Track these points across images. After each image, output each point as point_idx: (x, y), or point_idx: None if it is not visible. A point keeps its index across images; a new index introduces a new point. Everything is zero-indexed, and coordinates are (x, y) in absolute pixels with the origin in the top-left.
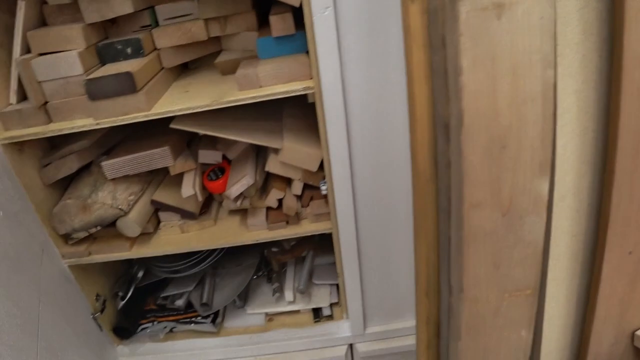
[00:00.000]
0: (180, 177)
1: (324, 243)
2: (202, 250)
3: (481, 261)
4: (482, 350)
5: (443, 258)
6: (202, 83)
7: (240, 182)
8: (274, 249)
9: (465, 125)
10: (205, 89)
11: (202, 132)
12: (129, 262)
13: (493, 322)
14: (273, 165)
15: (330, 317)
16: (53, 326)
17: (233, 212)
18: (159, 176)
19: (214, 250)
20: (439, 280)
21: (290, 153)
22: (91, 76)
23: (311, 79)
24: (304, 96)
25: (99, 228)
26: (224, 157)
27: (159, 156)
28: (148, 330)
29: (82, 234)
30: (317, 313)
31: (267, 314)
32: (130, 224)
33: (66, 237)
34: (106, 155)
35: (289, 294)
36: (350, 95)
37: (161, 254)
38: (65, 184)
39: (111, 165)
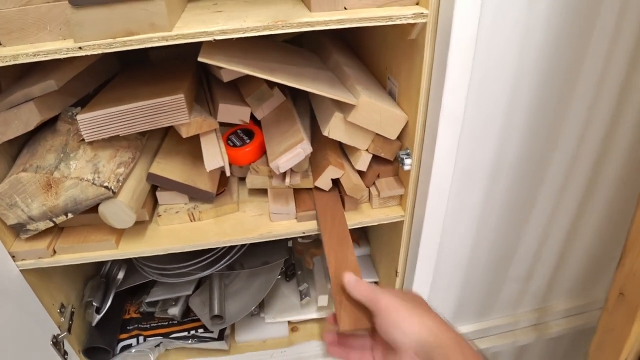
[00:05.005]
0: (187, 142)
1: (353, 231)
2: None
3: None
4: None
5: None
6: (235, 3)
7: (294, 151)
8: (304, 241)
9: None
10: (247, 9)
11: (249, 72)
12: None
13: None
14: (335, 129)
15: None
16: None
17: (256, 192)
18: (152, 140)
19: (233, 245)
20: None
21: (367, 112)
22: None
23: (417, 3)
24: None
25: (70, 216)
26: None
27: (169, 108)
28: (133, 350)
29: (44, 225)
30: None
31: (289, 323)
32: (121, 210)
33: (18, 230)
34: (77, 107)
35: (322, 298)
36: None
37: (163, 253)
38: (15, 149)
39: (92, 121)
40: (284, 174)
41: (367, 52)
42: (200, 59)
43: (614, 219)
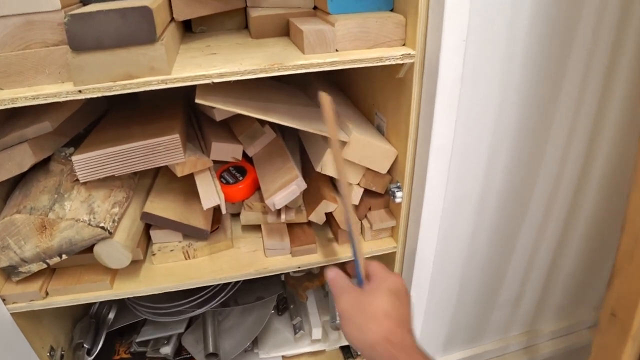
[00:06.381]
0: (179, 180)
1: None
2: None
3: None
4: None
5: None
6: (229, 46)
7: (289, 188)
8: (297, 274)
9: None
10: (241, 51)
11: (244, 113)
12: None
13: None
14: (328, 165)
15: None
16: None
17: (250, 228)
18: (144, 179)
19: (227, 282)
20: None
21: (359, 148)
22: (79, 11)
23: (403, 44)
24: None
25: (64, 257)
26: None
27: (164, 148)
28: None
29: (36, 266)
30: (347, 351)
31: (283, 357)
32: (118, 250)
33: (9, 272)
34: (69, 147)
35: (316, 332)
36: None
37: (158, 292)
38: (5, 191)
39: (87, 162)
40: (279, 211)
41: (353, 89)
42: (197, 101)
43: (595, 244)
